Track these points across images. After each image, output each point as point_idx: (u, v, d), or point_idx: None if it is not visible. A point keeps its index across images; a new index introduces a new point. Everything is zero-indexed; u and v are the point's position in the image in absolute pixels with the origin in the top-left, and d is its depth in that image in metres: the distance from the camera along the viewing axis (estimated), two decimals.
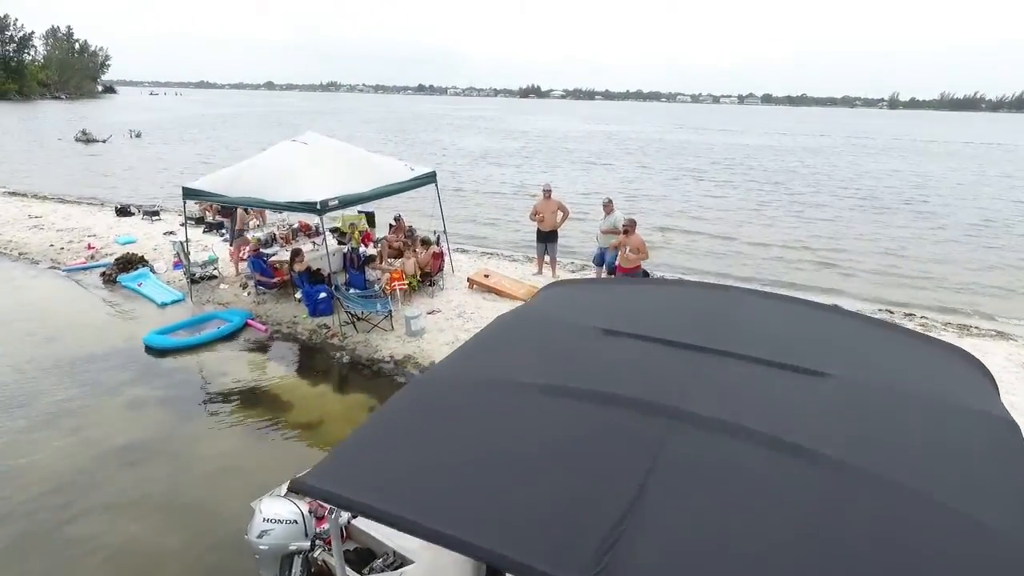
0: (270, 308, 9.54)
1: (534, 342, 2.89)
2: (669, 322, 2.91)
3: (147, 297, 9.97)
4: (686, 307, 3.13)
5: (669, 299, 3.32)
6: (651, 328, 2.80)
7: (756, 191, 23.35)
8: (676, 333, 2.73)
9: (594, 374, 2.45)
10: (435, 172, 10.41)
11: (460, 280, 10.67)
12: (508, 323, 3.24)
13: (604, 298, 3.52)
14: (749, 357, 2.49)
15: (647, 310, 3.15)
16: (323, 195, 8.11)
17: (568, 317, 3.12)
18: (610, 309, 3.26)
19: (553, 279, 11.04)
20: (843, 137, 64.61)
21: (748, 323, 2.90)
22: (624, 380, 2.37)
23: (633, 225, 8.96)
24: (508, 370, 2.60)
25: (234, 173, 9.05)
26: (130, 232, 13.36)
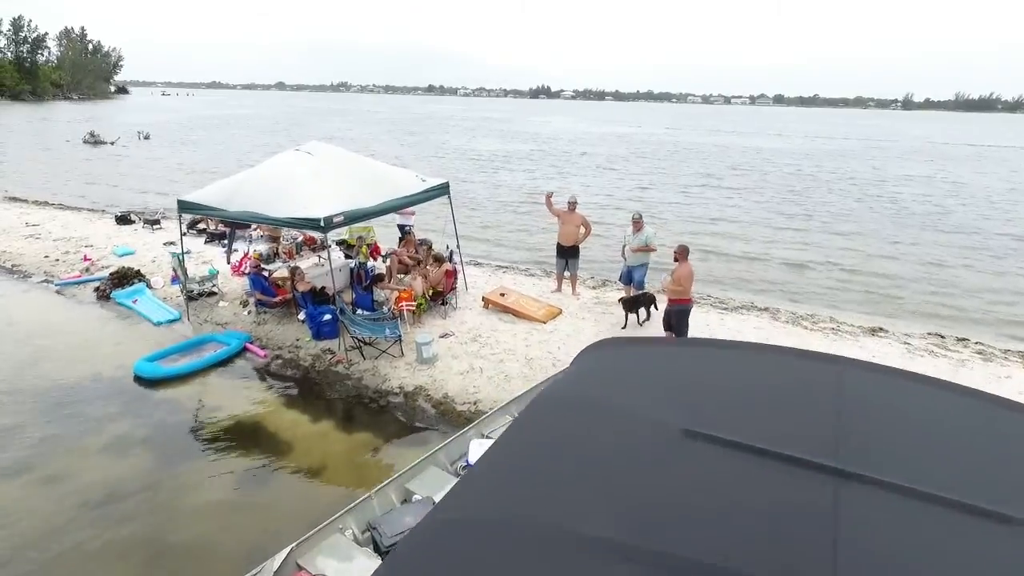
0: (271, 329, 8.89)
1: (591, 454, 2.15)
2: (771, 418, 2.19)
3: (142, 315, 9.36)
4: (786, 391, 2.41)
5: (759, 376, 2.58)
6: (751, 428, 2.09)
7: (780, 200, 22.31)
8: (787, 439, 2.01)
9: (690, 527, 1.72)
10: (448, 183, 9.72)
11: (474, 298, 9.97)
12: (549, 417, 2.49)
13: (670, 370, 2.78)
14: (907, 489, 1.77)
15: (734, 394, 2.42)
16: (327, 210, 7.44)
17: (631, 405, 2.39)
18: (684, 390, 2.53)
19: (573, 295, 10.34)
20: (862, 140, 63.31)
21: (879, 421, 2.18)
22: (734, 536, 1.65)
23: (685, 253, 7.88)
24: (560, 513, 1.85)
25: (233, 185, 8.41)
26: (128, 242, 12.77)
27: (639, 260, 9.47)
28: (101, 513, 5.22)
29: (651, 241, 9.35)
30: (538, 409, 2.60)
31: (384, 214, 8.47)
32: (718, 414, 2.25)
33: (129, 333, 8.87)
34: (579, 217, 9.97)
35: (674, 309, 7.89)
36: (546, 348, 8.24)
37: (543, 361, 7.86)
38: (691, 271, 7.77)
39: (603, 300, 10.21)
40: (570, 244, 10.02)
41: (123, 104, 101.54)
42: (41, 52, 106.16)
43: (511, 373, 7.57)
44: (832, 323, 9.81)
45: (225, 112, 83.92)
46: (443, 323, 8.99)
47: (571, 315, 9.46)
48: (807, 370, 2.62)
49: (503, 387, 7.28)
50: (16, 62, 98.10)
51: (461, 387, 7.31)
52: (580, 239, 9.99)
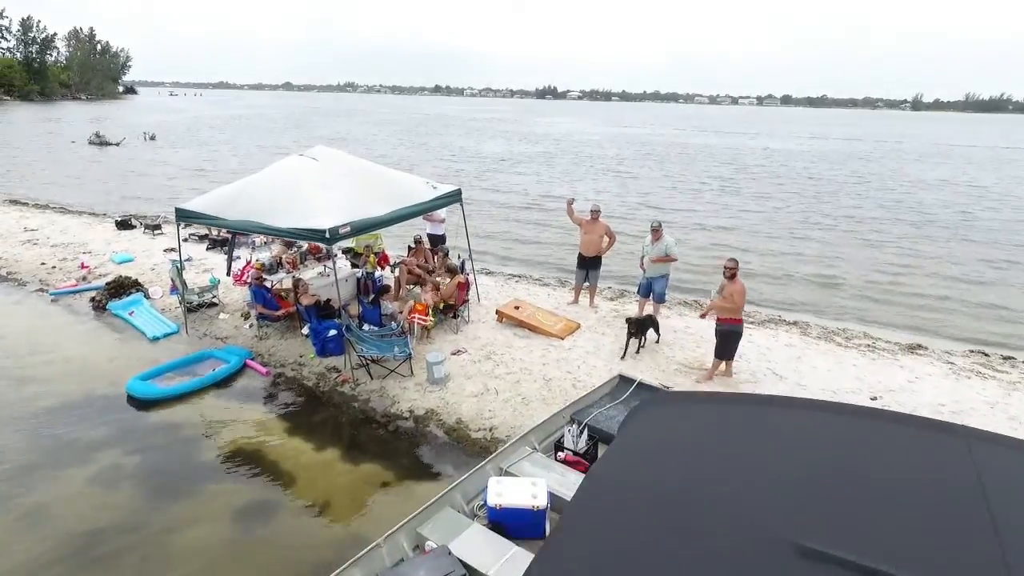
0: (273, 345, 8.41)
1: None
2: (907, 528, 1.68)
3: (138, 329, 8.90)
4: (912, 482, 1.89)
5: (870, 455, 2.05)
6: (884, 543, 1.57)
7: (800, 206, 21.48)
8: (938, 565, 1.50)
9: None
10: (460, 190, 9.22)
11: (487, 311, 9.47)
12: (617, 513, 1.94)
13: (759, 446, 2.23)
14: None
15: (850, 487, 1.89)
16: (333, 221, 6.96)
17: (719, 500, 1.87)
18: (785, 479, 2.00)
19: (591, 308, 9.81)
20: (876, 142, 62.36)
21: None
22: None
23: (735, 269, 7.07)
24: None
25: (233, 192, 7.94)
26: (128, 249, 12.34)
27: (659, 271, 8.95)
28: (82, 558, 4.75)
29: (672, 251, 8.83)
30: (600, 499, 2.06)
31: (393, 224, 7.98)
32: (837, 520, 1.73)
33: (124, 348, 8.41)
34: (602, 226, 9.44)
35: (723, 329, 7.24)
36: (565, 367, 7.73)
37: (562, 382, 7.35)
38: (744, 287, 7.11)
39: (623, 313, 9.66)
40: (592, 255, 9.50)
41: (131, 104, 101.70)
42: (50, 52, 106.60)
43: (528, 395, 7.06)
44: (867, 339, 9.24)
45: (231, 112, 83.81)
46: (455, 338, 8.48)
47: (590, 329, 8.94)
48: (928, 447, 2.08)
49: (520, 411, 6.77)
50: (25, 62, 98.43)
51: (475, 411, 6.81)
52: (603, 250, 9.47)
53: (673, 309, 10.10)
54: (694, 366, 7.86)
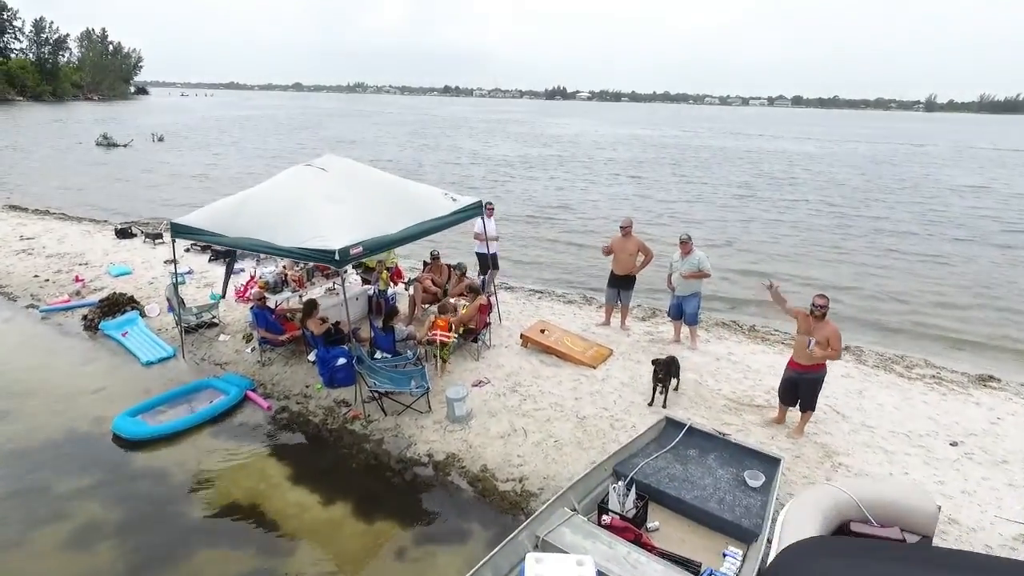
0: (277, 372, 7.66)
1: None
2: None
3: (131, 352, 8.19)
4: None
5: None
6: None
7: (829, 215, 20.30)
8: None
9: None
10: (481, 203, 8.44)
11: (510, 334, 8.68)
12: None
13: None
14: None
15: None
16: (344, 240, 6.19)
17: None
18: None
19: (622, 330, 9.00)
20: (898, 144, 61.01)
21: None
22: None
23: (825, 306, 5.94)
24: None
25: (234, 206, 7.19)
26: (126, 260, 11.67)
27: (690, 289, 8.12)
28: None
29: (704, 266, 8.00)
30: None
31: (410, 241, 7.19)
32: None
33: (114, 375, 7.69)
34: (635, 242, 8.62)
35: (811, 378, 6.12)
36: (600, 402, 6.92)
37: (598, 420, 6.54)
38: (837, 329, 5.98)
39: (657, 337, 8.86)
40: (624, 273, 8.69)
41: (142, 105, 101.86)
42: (62, 53, 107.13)
43: (561, 437, 6.26)
44: (930, 368, 8.37)
45: (240, 113, 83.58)
46: (475, 367, 7.70)
47: (624, 356, 8.12)
48: None
49: (553, 457, 5.98)
50: (38, 63, 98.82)
51: (502, 456, 6.02)
52: (637, 268, 8.65)
53: (711, 331, 9.27)
54: (743, 402, 7.03)
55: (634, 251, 8.61)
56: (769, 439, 6.27)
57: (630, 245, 8.62)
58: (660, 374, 6.80)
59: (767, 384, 7.43)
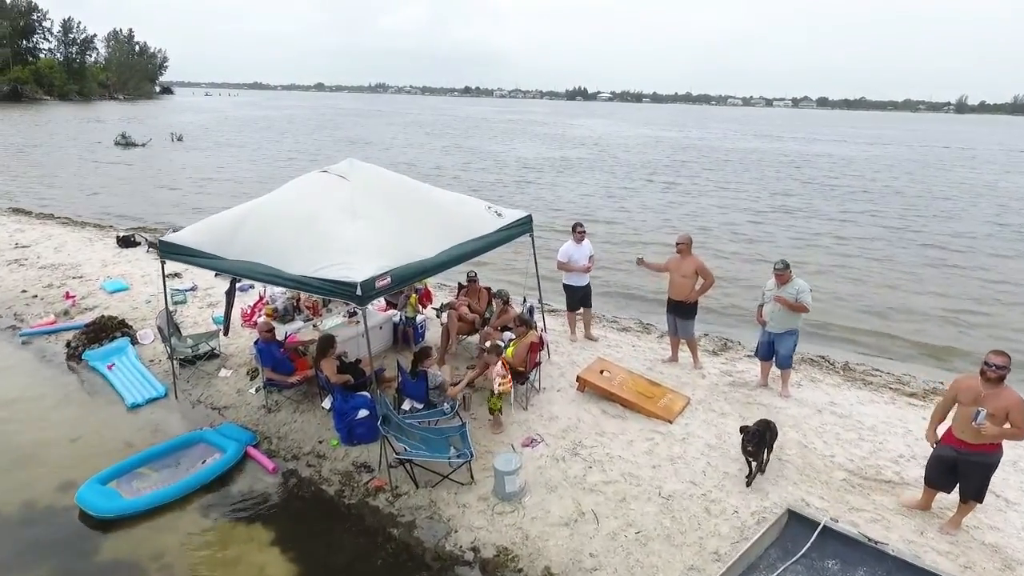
0: (284, 421, 6.35)
1: None
2: None
3: (116, 390, 6.95)
4: None
5: None
6: None
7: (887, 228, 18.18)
8: None
9: None
10: (531, 218, 7.04)
11: (561, 372, 7.28)
12: None
13: None
14: None
15: None
16: (368, 269, 4.86)
17: None
18: None
19: (695, 369, 7.55)
20: (940, 147, 58.37)
21: None
22: None
23: (1004, 368, 4.39)
24: None
25: (235, 221, 5.89)
26: (125, 274, 10.51)
27: (786, 324, 6.64)
28: None
29: (804, 298, 6.51)
30: None
31: (448, 268, 5.83)
32: None
33: (93, 420, 6.44)
34: (693, 263, 7.19)
35: (972, 460, 4.58)
36: (685, 472, 5.48)
37: (688, 503, 5.10)
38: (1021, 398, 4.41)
39: (739, 379, 7.38)
40: (680, 298, 7.25)
41: (165, 104, 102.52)
42: (89, 53, 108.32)
43: (644, 526, 4.84)
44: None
45: (262, 113, 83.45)
46: (524, 419, 6.30)
47: (703, 406, 6.67)
48: None
49: (638, 558, 4.55)
50: (65, 63, 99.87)
51: (569, 553, 4.62)
52: (694, 294, 7.20)
53: (798, 371, 7.75)
54: (868, 475, 5.53)
55: (691, 273, 7.17)
56: (917, 535, 4.78)
57: (686, 266, 7.18)
58: (750, 446, 5.28)
59: (892, 449, 5.93)
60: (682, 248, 7.23)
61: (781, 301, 6.53)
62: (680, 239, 7.32)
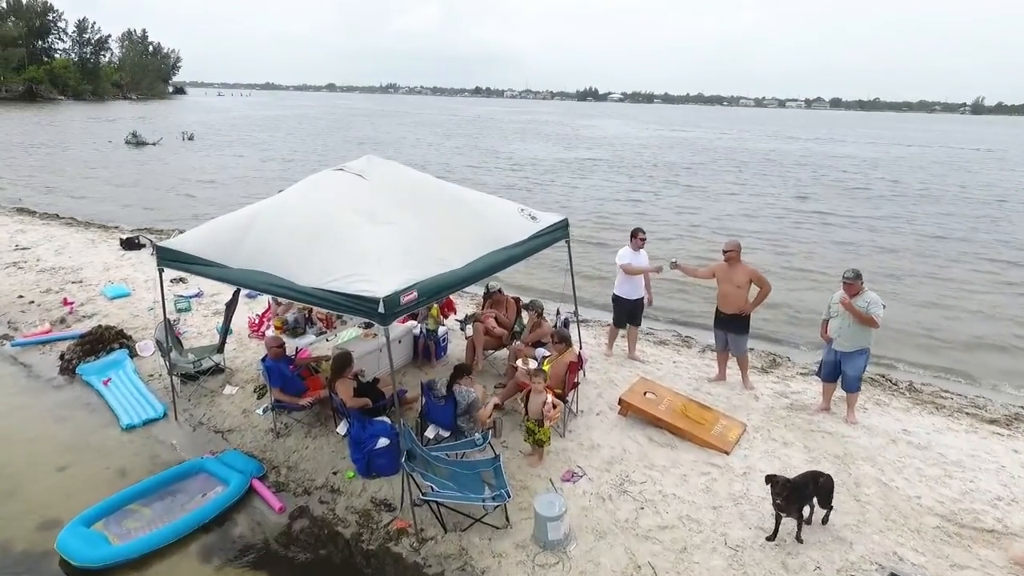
0: (295, 448, 5.69)
1: None
2: None
3: (111, 408, 6.33)
4: None
5: None
6: None
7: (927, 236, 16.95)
8: None
9: None
10: (567, 222, 6.34)
11: (599, 392, 6.59)
12: None
13: None
14: None
15: None
16: (392, 282, 4.20)
17: None
18: None
19: (746, 389, 6.83)
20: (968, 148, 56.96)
21: None
22: None
23: None
24: None
25: (241, 224, 5.25)
26: (128, 278, 9.93)
27: (857, 342, 5.92)
28: None
29: (875, 311, 5.79)
30: None
31: (479, 279, 5.16)
32: None
33: (85, 444, 5.82)
34: (746, 271, 6.50)
35: None
36: (752, 516, 4.76)
37: (760, 555, 4.37)
38: None
39: (796, 402, 6.64)
40: (733, 311, 6.54)
41: (178, 104, 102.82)
42: (103, 53, 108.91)
43: None
44: None
45: (273, 113, 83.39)
46: (562, 448, 5.61)
47: (762, 433, 5.94)
48: None
49: None
50: (79, 63, 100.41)
51: None
52: (749, 306, 6.49)
53: (862, 393, 6.96)
54: (963, 522, 4.78)
55: (744, 283, 6.47)
56: None
57: (738, 275, 6.48)
58: (779, 499, 4.33)
59: (986, 489, 5.17)
60: (732, 256, 6.52)
61: (850, 308, 5.80)
62: (729, 246, 6.61)
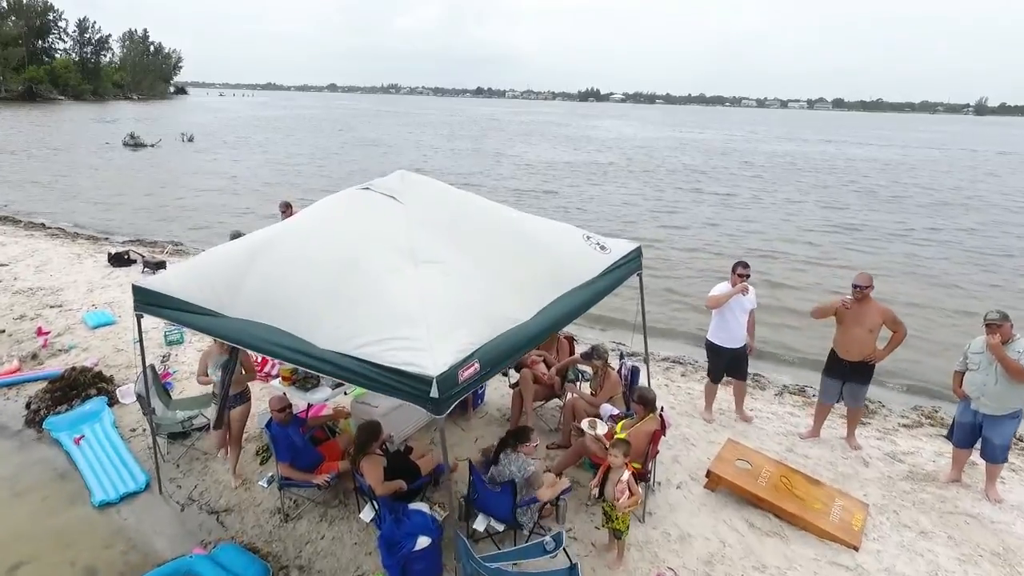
0: (307, 536, 4.54)
1: None
2: None
3: (82, 476, 5.19)
4: None
5: None
6: None
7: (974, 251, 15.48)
8: None
9: None
10: (640, 251, 5.17)
11: (672, 453, 5.44)
12: None
13: None
14: None
15: None
16: (446, 351, 3.07)
17: None
18: None
19: (850, 447, 5.70)
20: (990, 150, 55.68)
21: None
22: None
23: None
24: None
25: (240, 260, 4.09)
26: (114, 302, 8.78)
27: (1008, 403, 4.76)
28: None
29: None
30: None
31: (549, 334, 4.00)
32: None
33: (46, 530, 4.66)
34: (878, 311, 5.33)
35: None
36: None
37: None
38: None
39: (916, 467, 5.48)
40: (858, 359, 5.37)
41: (179, 104, 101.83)
42: (104, 53, 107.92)
43: None
44: None
45: (275, 113, 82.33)
46: (645, 537, 4.45)
47: (889, 516, 4.78)
48: None
49: None
50: (80, 63, 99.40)
51: None
52: (880, 353, 5.34)
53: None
54: None
55: (877, 325, 5.30)
56: None
57: (870, 315, 5.31)
58: None
59: None
60: (866, 292, 5.28)
61: (1002, 359, 4.63)
62: (863, 280, 5.31)
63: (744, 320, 5.77)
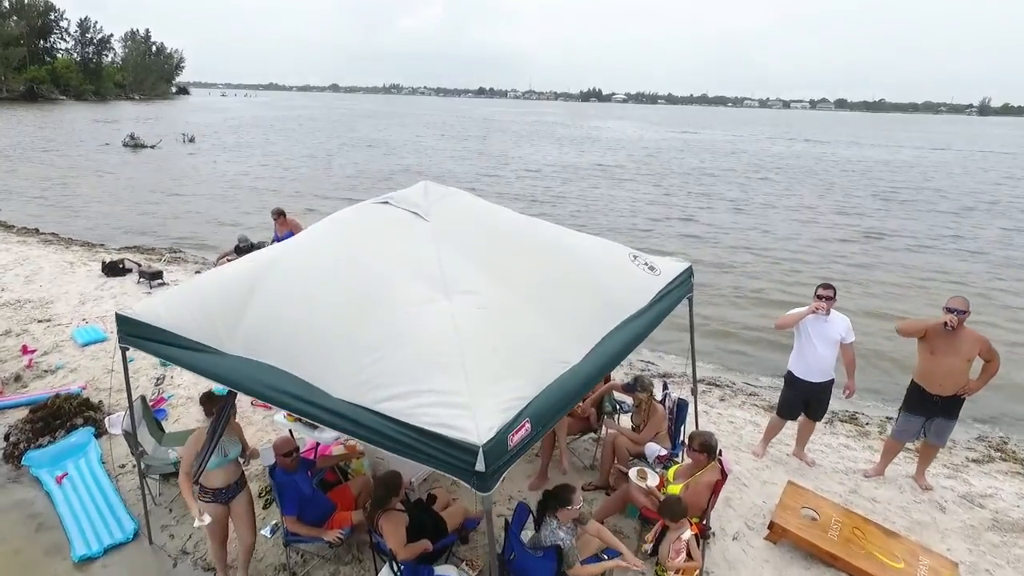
0: None
1: None
2: None
3: (62, 523, 4.62)
4: None
5: None
6: None
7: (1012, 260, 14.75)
8: None
9: None
10: (691, 271, 4.58)
11: (726, 498, 4.84)
12: None
13: None
14: None
15: None
16: (490, 412, 2.49)
17: None
18: None
19: (920, 487, 5.11)
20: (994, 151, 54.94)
21: None
22: None
23: None
24: None
25: (238, 289, 3.51)
26: (106, 316, 8.21)
27: None
28: None
29: None
30: None
31: (600, 378, 3.43)
32: None
33: None
34: (975, 340, 4.69)
35: None
36: None
37: None
38: None
39: (998, 512, 4.89)
40: (950, 393, 4.76)
41: (181, 105, 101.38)
42: (106, 53, 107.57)
43: None
44: None
45: (277, 114, 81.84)
46: None
47: (976, 573, 4.19)
48: None
49: None
50: (82, 63, 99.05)
51: None
52: (972, 387, 4.73)
53: None
54: None
55: (973, 354, 4.68)
56: None
57: (966, 343, 4.68)
58: None
59: None
60: (962, 318, 4.62)
61: None
62: (957, 304, 4.63)
63: (826, 352, 5.01)
